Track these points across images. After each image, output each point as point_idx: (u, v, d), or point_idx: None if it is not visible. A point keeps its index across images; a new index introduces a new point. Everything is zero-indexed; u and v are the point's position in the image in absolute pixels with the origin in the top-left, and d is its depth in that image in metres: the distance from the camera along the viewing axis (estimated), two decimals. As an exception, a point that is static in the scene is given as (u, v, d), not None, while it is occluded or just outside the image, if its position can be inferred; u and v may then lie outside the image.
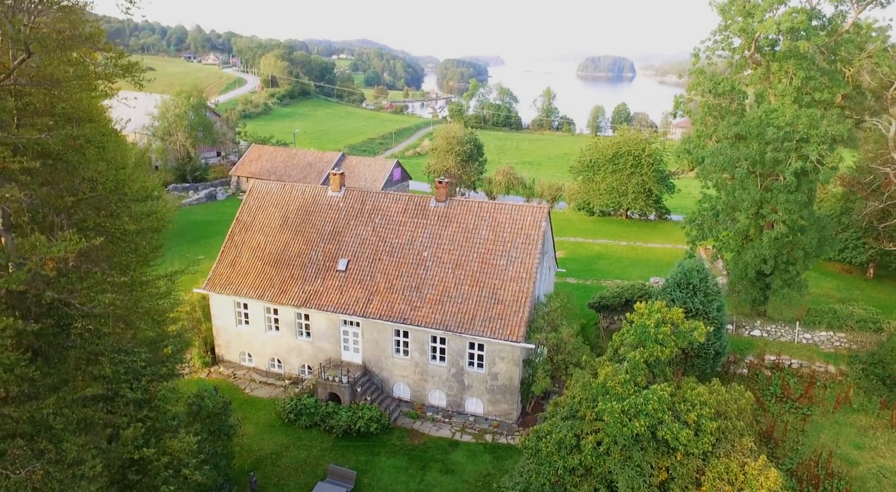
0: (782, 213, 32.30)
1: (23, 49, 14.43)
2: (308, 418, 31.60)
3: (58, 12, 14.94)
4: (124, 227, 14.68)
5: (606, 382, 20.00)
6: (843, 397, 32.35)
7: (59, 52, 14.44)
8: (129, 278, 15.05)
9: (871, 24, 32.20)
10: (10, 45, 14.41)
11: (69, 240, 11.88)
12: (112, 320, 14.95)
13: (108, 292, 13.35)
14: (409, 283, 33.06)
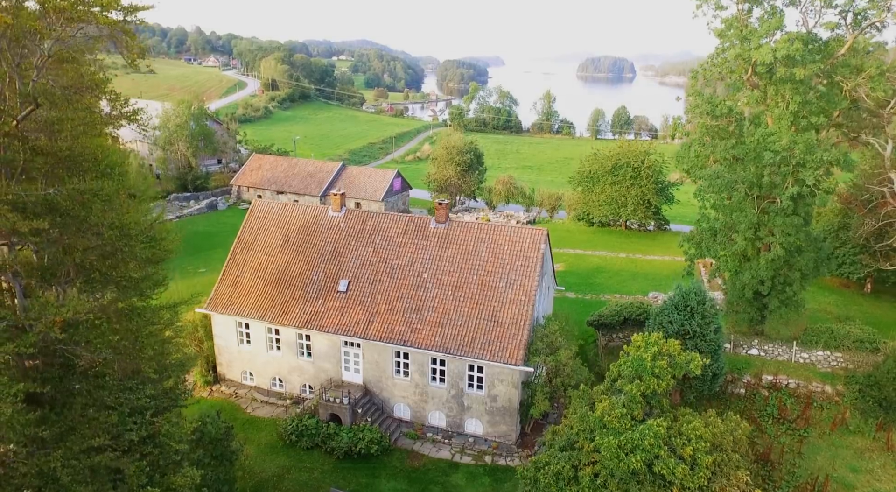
0: (779, 235, 32.59)
1: (30, 101, 14.75)
2: (309, 439, 31.90)
3: (64, 64, 15.22)
4: (130, 274, 14.98)
5: (604, 416, 20.28)
6: (840, 418, 32.64)
7: (66, 103, 14.73)
8: (135, 324, 15.35)
9: (868, 45, 32.42)
10: (18, 97, 14.70)
11: (77, 300, 12.16)
12: (117, 365, 15.24)
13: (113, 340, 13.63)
14: (410, 304, 33.35)
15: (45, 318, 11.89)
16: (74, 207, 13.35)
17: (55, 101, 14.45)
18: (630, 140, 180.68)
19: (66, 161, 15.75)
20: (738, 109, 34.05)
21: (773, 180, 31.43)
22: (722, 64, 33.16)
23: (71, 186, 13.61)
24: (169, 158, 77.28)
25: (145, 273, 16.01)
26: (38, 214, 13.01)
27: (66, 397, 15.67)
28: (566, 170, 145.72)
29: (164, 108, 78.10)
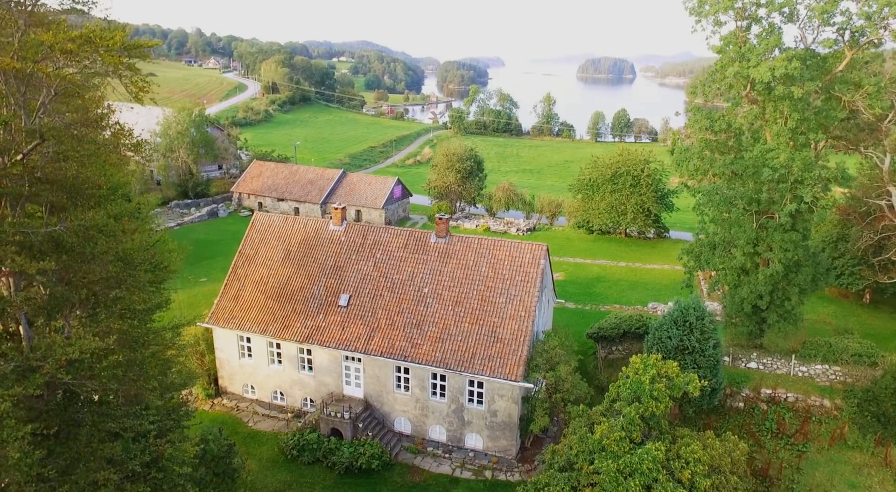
0: (777, 251, 32.77)
1: (36, 136, 14.94)
2: (310, 453, 32.07)
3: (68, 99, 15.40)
4: (134, 307, 15.17)
5: (602, 439, 20.47)
6: (839, 433, 32.81)
7: (71, 138, 14.92)
8: (139, 354, 15.54)
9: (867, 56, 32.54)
10: (24, 133, 14.90)
11: (83, 339, 12.36)
12: (121, 393, 15.43)
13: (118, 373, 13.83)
14: (410, 319, 33.53)
15: (51, 358, 12.10)
16: (80, 243, 13.54)
17: (60, 136, 14.64)
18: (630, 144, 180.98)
19: (70, 190, 15.99)
20: (736, 125, 34.23)
21: (771, 196, 31.62)
22: (721, 80, 33.34)
23: (76, 222, 13.80)
24: (170, 165, 77.46)
25: (149, 305, 16.17)
26: (44, 251, 13.19)
27: (70, 428, 15.85)
28: (566, 174, 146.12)
29: (165, 114, 78.28)
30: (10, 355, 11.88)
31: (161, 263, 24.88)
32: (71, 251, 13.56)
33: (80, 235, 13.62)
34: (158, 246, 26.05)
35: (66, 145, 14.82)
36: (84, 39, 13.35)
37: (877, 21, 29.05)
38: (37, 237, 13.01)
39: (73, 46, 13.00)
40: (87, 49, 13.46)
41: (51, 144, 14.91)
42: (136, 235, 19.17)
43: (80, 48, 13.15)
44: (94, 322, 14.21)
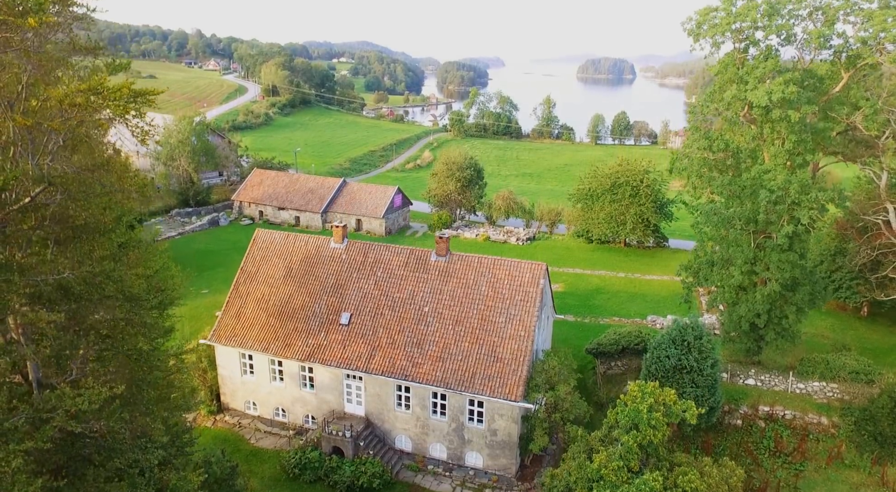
0: (775, 271, 33.04)
1: (44, 182, 15.22)
2: (312, 472, 32.35)
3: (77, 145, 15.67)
4: (140, 348, 15.48)
5: (601, 468, 20.75)
6: (836, 452, 33.08)
7: (79, 184, 15.20)
8: (146, 395, 15.80)
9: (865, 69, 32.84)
10: (33, 179, 15.17)
11: (93, 388, 12.65)
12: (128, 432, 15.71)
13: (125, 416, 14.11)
14: (411, 338, 33.81)
15: (61, 408, 12.38)
16: (87, 290, 13.82)
17: (68, 182, 14.92)
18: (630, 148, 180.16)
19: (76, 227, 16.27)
20: (734, 145, 34.51)
21: (768, 217, 31.92)
22: (719, 101, 33.63)
23: (84, 269, 14.08)
24: (171, 174, 77.73)
25: (155, 343, 16.44)
26: (52, 300, 13.46)
27: (77, 464, 16.11)
28: (566, 177, 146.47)
29: (166, 122, 78.52)
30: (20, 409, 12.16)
31: (165, 289, 25.21)
32: (79, 298, 13.85)
33: (88, 282, 13.91)
34: (162, 273, 26.39)
35: (73, 189, 15.09)
36: (92, 91, 13.62)
37: (872, 45, 29.33)
38: (46, 287, 13.30)
39: (81, 100, 13.27)
40: (96, 100, 13.73)
41: (58, 188, 15.18)
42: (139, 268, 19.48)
43: (87, 101, 13.42)
44: (102, 366, 14.47)
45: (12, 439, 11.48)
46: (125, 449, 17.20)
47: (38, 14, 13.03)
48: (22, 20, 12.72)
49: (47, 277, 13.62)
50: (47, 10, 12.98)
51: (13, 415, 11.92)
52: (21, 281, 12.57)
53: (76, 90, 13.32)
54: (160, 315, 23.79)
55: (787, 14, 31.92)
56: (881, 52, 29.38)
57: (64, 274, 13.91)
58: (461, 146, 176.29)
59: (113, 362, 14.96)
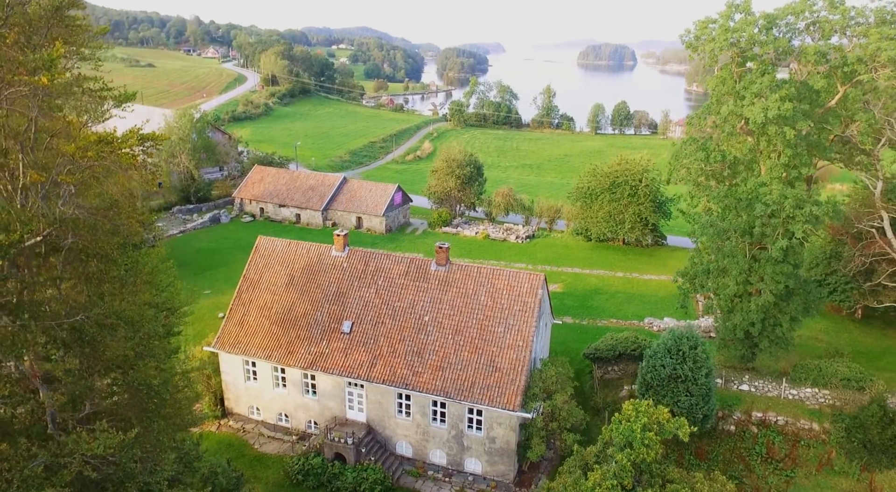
0: (769, 282, 33.62)
1: (56, 223, 15.72)
2: (315, 478, 33.15)
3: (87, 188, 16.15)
4: (150, 382, 16.07)
5: (595, 487, 21.47)
6: (826, 459, 33.89)
7: (90, 228, 15.70)
8: (157, 426, 16.42)
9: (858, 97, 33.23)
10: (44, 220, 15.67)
11: (107, 432, 13.24)
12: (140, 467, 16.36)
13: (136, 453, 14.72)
14: (411, 347, 34.46)
15: (78, 453, 12.98)
16: (100, 332, 14.37)
17: (79, 225, 15.42)
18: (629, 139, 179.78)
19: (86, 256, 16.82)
20: (731, 156, 34.90)
21: (763, 230, 32.42)
22: (716, 113, 33.98)
23: (96, 311, 14.63)
24: (171, 170, 78.04)
25: (164, 378, 17.06)
26: (67, 344, 14.01)
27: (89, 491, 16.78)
28: (565, 169, 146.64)
29: (167, 119, 78.66)
30: (39, 454, 12.75)
31: (171, 306, 25.77)
32: (92, 341, 14.41)
33: (100, 324, 14.46)
34: (169, 291, 26.97)
35: (83, 232, 15.61)
36: (104, 142, 14.07)
37: (868, 62, 29.63)
38: (61, 332, 13.85)
39: (92, 154, 13.73)
40: (106, 150, 14.19)
41: (69, 229, 15.68)
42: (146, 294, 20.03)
43: (98, 154, 13.88)
44: (114, 403, 15.05)
45: (32, 485, 12.10)
46: (136, 473, 17.86)
47: (51, 70, 13.45)
48: (34, 78, 13.15)
49: (62, 321, 14.17)
50: (58, 65, 13.39)
51: (32, 461, 12.54)
52: (37, 330, 13.13)
53: (87, 143, 13.76)
54: (168, 342, 24.38)
55: (784, 26, 32.17)
56: (876, 70, 29.66)
57: (77, 317, 14.46)
58: (461, 137, 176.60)
59: (124, 396, 15.55)
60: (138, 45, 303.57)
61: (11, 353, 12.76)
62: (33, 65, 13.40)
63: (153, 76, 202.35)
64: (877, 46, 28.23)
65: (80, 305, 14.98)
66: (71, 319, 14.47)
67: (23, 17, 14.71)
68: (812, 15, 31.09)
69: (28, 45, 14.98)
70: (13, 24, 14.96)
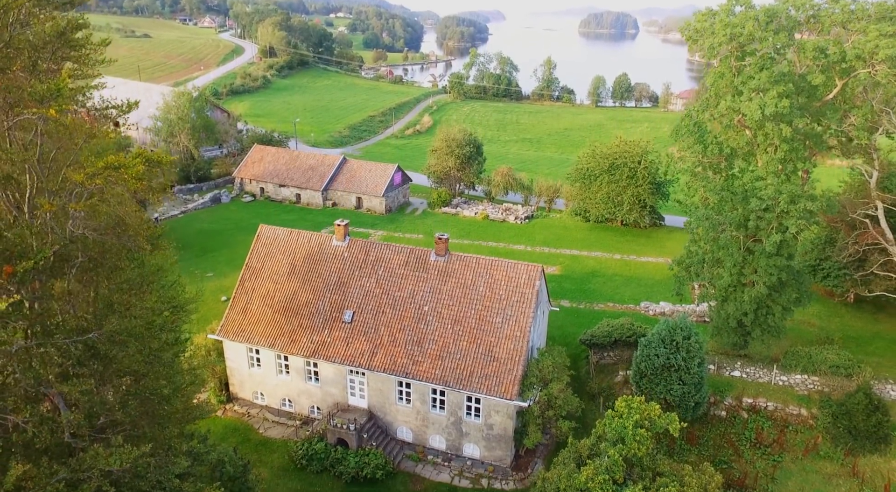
0: (762, 274, 34.27)
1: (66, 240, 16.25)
2: (319, 463, 34.30)
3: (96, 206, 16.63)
4: (161, 391, 16.78)
5: (588, 482, 22.45)
6: (813, 444, 35.01)
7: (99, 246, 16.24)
8: (169, 431, 17.20)
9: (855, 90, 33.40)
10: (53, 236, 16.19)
11: (122, 447, 13.98)
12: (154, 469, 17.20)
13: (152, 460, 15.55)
14: (411, 337, 35.27)
15: (96, 468, 13.74)
16: (112, 349, 15.01)
17: (89, 244, 15.94)
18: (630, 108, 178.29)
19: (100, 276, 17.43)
20: (728, 149, 35.18)
21: (758, 224, 32.93)
22: (714, 106, 34.15)
23: (108, 327, 15.25)
24: (171, 150, 78.01)
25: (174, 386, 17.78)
26: (81, 361, 14.67)
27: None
28: (565, 143, 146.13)
29: (165, 98, 78.30)
30: (60, 471, 13.50)
31: (178, 303, 26.38)
32: (104, 358, 15.06)
33: (113, 341, 15.10)
34: (175, 289, 27.60)
35: (93, 250, 16.14)
36: (111, 168, 14.50)
37: (866, 59, 29.70)
38: (76, 351, 14.49)
39: (100, 181, 14.17)
40: (114, 175, 14.63)
41: (79, 248, 16.22)
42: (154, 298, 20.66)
43: (105, 180, 14.32)
44: (126, 415, 15.78)
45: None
46: (148, 471, 18.74)
47: (58, 100, 13.81)
48: (42, 108, 13.52)
49: (75, 339, 14.81)
50: (66, 95, 13.74)
51: (54, 477, 13.32)
52: (55, 351, 13.79)
53: (95, 170, 14.20)
54: (176, 347, 24.85)
55: (784, 19, 32.13)
56: (874, 66, 29.75)
57: (90, 335, 15.10)
58: (461, 110, 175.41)
59: (136, 406, 16.30)
60: (133, 13, 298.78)
61: (31, 373, 13.45)
62: (40, 95, 13.75)
63: (149, 47, 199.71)
64: (875, 44, 28.28)
65: (92, 321, 15.60)
66: (84, 337, 15.12)
67: (28, 43, 14.97)
68: (812, 8, 31.04)
69: (34, 71, 15.28)
70: (19, 47, 15.24)
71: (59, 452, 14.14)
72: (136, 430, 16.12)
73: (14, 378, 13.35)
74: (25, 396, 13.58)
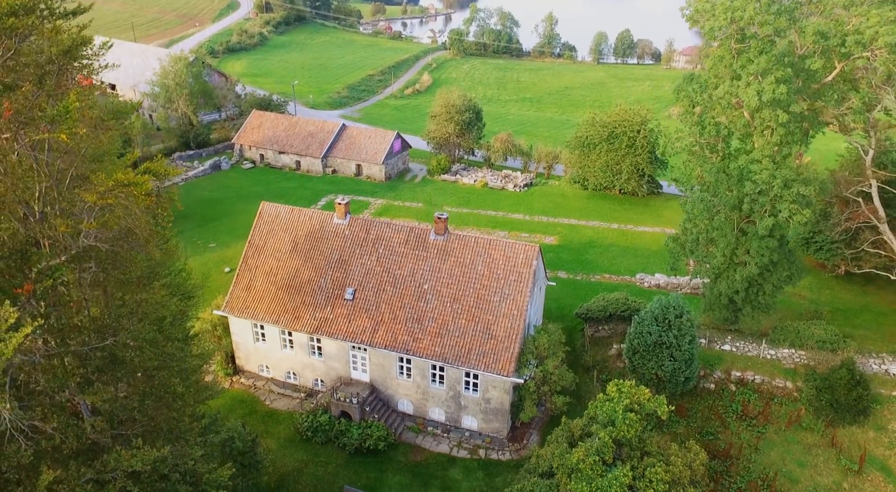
0: (754, 255, 35.07)
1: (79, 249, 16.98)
2: (323, 434, 35.88)
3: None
4: (175, 389, 17.78)
5: (579, 462, 23.80)
6: (796, 415, 36.53)
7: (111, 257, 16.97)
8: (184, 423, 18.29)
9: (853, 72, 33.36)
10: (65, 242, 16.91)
11: (143, 449, 15.03)
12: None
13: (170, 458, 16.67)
14: (411, 314, 36.34)
15: (120, 469, 14.80)
16: (129, 356, 15.90)
17: (101, 256, 16.67)
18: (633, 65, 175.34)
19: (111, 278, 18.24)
20: (725, 129, 35.42)
21: (752, 207, 33.52)
22: (713, 88, 34.21)
23: (125, 335, 16.13)
24: (170, 115, 77.67)
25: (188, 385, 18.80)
26: (101, 368, 15.57)
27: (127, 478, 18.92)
28: (566, 103, 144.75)
29: (162, 63, 77.35)
30: (87, 473, 14.57)
31: (187, 292, 27.28)
32: (122, 363, 15.96)
33: (129, 347, 15.98)
34: (182, 276, 28.43)
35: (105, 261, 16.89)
36: (121, 185, 15.08)
37: (866, 44, 29.66)
38: (95, 360, 15.37)
39: (112, 200, 14.76)
40: (124, 192, 15.21)
41: (92, 257, 16.96)
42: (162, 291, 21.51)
43: (116, 198, 14.90)
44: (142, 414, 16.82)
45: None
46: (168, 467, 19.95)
47: (66, 122, 14.29)
48: (54, 132, 14.01)
49: (94, 346, 15.69)
50: (74, 116, 14.18)
51: (81, 479, 14.40)
52: (75, 362, 14.68)
53: (107, 188, 14.78)
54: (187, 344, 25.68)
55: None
56: (873, 51, 29.70)
57: (107, 341, 15.99)
58: (460, 68, 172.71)
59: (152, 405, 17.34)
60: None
61: (55, 382, 14.38)
62: (51, 118, 14.22)
63: (142, 2, 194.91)
64: (875, 30, 28.20)
65: (108, 321, 16.45)
66: (101, 343, 16.01)
67: (34, 62, 15.33)
68: (814, -10, 30.87)
69: (42, 86, 15.67)
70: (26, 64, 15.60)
71: (85, 454, 15.23)
72: (152, 423, 17.19)
73: (39, 387, 14.30)
74: (51, 404, 14.57)
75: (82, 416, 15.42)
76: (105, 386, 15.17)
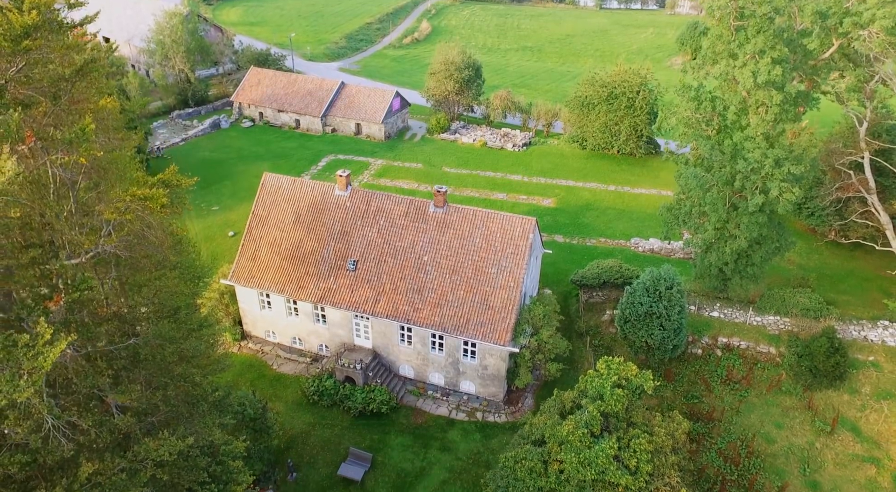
0: (744, 230, 36.15)
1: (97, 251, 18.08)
2: (329, 398, 37.88)
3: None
4: (194, 379, 19.18)
5: (568, 435, 25.63)
6: (776, 380, 38.48)
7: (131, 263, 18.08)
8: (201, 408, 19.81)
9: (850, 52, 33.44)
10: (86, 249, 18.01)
11: (169, 440, 16.52)
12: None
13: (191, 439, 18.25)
14: (412, 285, 37.71)
15: (149, 459, 16.32)
16: (151, 354, 17.20)
17: (120, 262, 17.78)
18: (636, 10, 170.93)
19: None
20: (721, 105, 35.83)
21: (744, 184, 34.37)
22: (712, 64, 34.42)
23: (145, 330, 17.39)
24: (167, 73, 76.98)
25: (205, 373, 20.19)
26: (126, 368, 16.89)
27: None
28: (567, 52, 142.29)
29: (156, 18, 76.02)
30: (119, 464, 16.08)
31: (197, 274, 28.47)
32: (145, 361, 17.27)
33: (152, 346, 17.26)
34: (190, 257, 29.55)
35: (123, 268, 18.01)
36: (139, 199, 16.00)
37: (864, 26, 29.76)
38: (119, 360, 16.66)
39: (130, 216, 15.71)
40: (141, 207, 16.14)
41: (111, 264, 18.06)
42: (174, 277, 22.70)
43: (135, 214, 15.84)
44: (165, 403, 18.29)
45: (119, 487, 15.60)
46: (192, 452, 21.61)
47: (83, 144, 15.09)
48: (72, 156, 14.85)
49: (119, 346, 16.98)
50: (91, 138, 14.95)
51: (115, 468, 15.95)
52: (104, 364, 15.97)
53: (125, 204, 15.71)
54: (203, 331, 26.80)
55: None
56: (870, 33, 29.77)
57: (131, 341, 17.28)
58: (460, 14, 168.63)
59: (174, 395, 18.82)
60: None
61: (88, 381, 15.73)
62: (68, 141, 15.01)
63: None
64: (872, 13, 28.24)
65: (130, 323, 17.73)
66: (126, 343, 17.30)
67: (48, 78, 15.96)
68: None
69: (56, 102, 16.38)
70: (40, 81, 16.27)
71: (118, 446, 16.75)
72: (174, 411, 18.72)
73: (73, 386, 15.66)
74: (86, 402, 15.97)
75: (112, 412, 16.87)
76: (131, 385, 16.55)
